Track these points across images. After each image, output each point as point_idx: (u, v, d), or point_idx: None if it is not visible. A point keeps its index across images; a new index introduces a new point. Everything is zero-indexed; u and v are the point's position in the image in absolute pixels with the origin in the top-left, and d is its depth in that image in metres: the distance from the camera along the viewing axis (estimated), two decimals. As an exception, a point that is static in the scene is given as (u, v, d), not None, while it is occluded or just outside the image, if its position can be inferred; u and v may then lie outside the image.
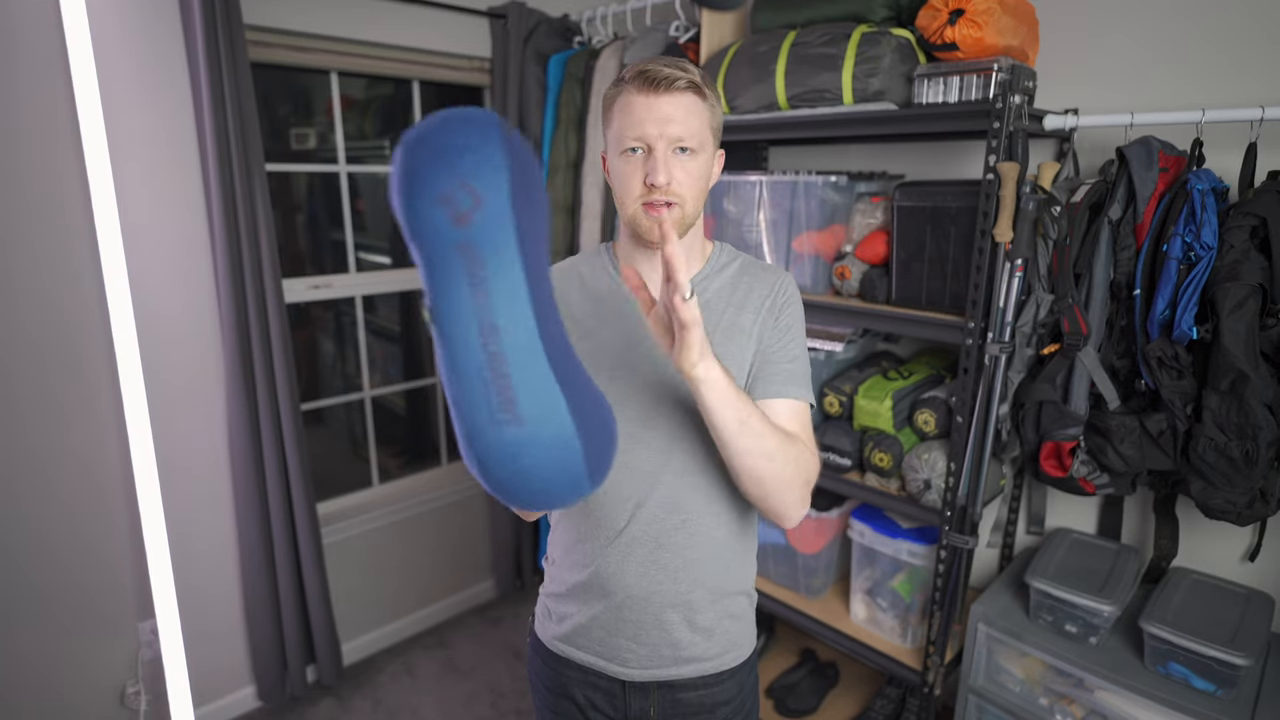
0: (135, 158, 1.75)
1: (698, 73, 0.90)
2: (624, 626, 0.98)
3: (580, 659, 1.02)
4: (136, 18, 1.71)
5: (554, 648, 1.05)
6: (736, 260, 1.03)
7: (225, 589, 2.08)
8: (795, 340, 0.97)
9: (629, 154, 0.89)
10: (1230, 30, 1.44)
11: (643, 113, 0.87)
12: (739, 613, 1.03)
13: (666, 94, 0.87)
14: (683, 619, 0.97)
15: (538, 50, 2.35)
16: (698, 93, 0.89)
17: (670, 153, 0.88)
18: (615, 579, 0.97)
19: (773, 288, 0.99)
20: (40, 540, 1.74)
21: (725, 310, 0.97)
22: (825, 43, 1.58)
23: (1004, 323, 1.45)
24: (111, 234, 0.99)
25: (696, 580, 0.97)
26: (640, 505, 0.95)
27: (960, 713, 1.62)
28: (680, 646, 0.98)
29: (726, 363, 0.90)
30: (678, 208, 0.90)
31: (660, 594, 0.96)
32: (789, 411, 0.94)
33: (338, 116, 2.26)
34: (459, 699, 2.24)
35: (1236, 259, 1.25)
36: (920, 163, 1.93)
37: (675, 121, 0.87)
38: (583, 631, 1.01)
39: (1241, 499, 1.30)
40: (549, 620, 1.07)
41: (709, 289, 0.99)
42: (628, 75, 0.90)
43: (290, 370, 1.99)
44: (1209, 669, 1.31)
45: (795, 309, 0.99)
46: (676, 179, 0.89)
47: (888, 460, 1.65)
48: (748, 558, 1.04)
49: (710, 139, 0.92)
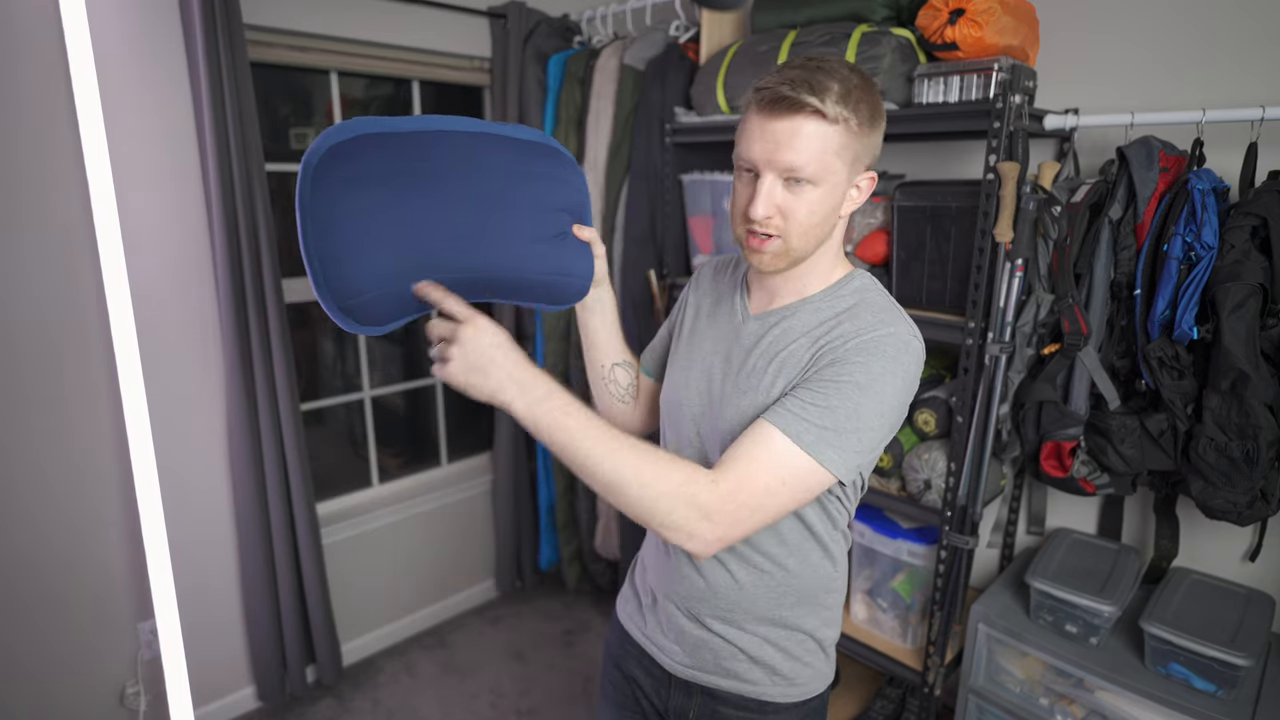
0: (135, 158, 1.75)
1: (835, 90, 0.77)
2: (671, 619, 0.99)
3: (638, 639, 1.06)
4: (136, 18, 1.71)
5: (622, 620, 1.10)
6: (857, 297, 0.89)
7: (225, 589, 2.08)
8: (840, 389, 0.80)
9: (742, 173, 0.84)
10: (1230, 30, 1.44)
11: (755, 132, 0.80)
12: (796, 651, 0.96)
13: (785, 118, 0.78)
14: (722, 631, 0.96)
15: (538, 50, 2.35)
16: (823, 117, 0.78)
17: (780, 182, 0.80)
18: (668, 572, 0.98)
19: (858, 330, 0.83)
20: (40, 540, 1.74)
21: (796, 340, 0.87)
22: (825, 42, 1.58)
23: (1004, 323, 1.45)
24: (111, 234, 0.99)
25: (738, 599, 0.94)
26: None
27: (960, 713, 1.62)
28: (721, 657, 0.97)
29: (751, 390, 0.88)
30: (779, 241, 0.83)
31: (699, 601, 0.96)
32: (760, 438, 0.80)
33: (337, 116, 2.25)
34: (459, 699, 2.24)
35: (1237, 259, 1.25)
36: (920, 163, 1.93)
37: (787, 149, 0.78)
38: (640, 615, 1.06)
39: (1242, 499, 1.30)
40: (624, 594, 1.12)
41: (798, 315, 0.89)
42: (757, 85, 0.81)
43: (290, 370, 1.99)
44: (1209, 669, 1.31)
45: (868, 361, 0.80)
46: (781, 211, 0.81)
47: (888, 460, 1.65)
48: (809, 600, 0.95)
49: (840, 167, 0.81)
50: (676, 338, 1.05)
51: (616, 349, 1.07)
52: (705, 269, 1.08)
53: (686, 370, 0.98)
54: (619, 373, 1.08)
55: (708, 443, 0.95)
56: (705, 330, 1.00)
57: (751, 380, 0.89)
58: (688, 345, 1.01)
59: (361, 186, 0.77)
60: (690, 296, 1.07)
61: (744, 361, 0.91)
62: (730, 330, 0.96)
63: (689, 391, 0.97)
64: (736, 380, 0.91)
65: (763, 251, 0.85)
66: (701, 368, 0.96)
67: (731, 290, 1.00)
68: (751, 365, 0.90)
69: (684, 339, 1.02)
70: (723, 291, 1.02)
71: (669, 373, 1.03)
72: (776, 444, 0.79)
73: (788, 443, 0.79)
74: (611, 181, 2.22)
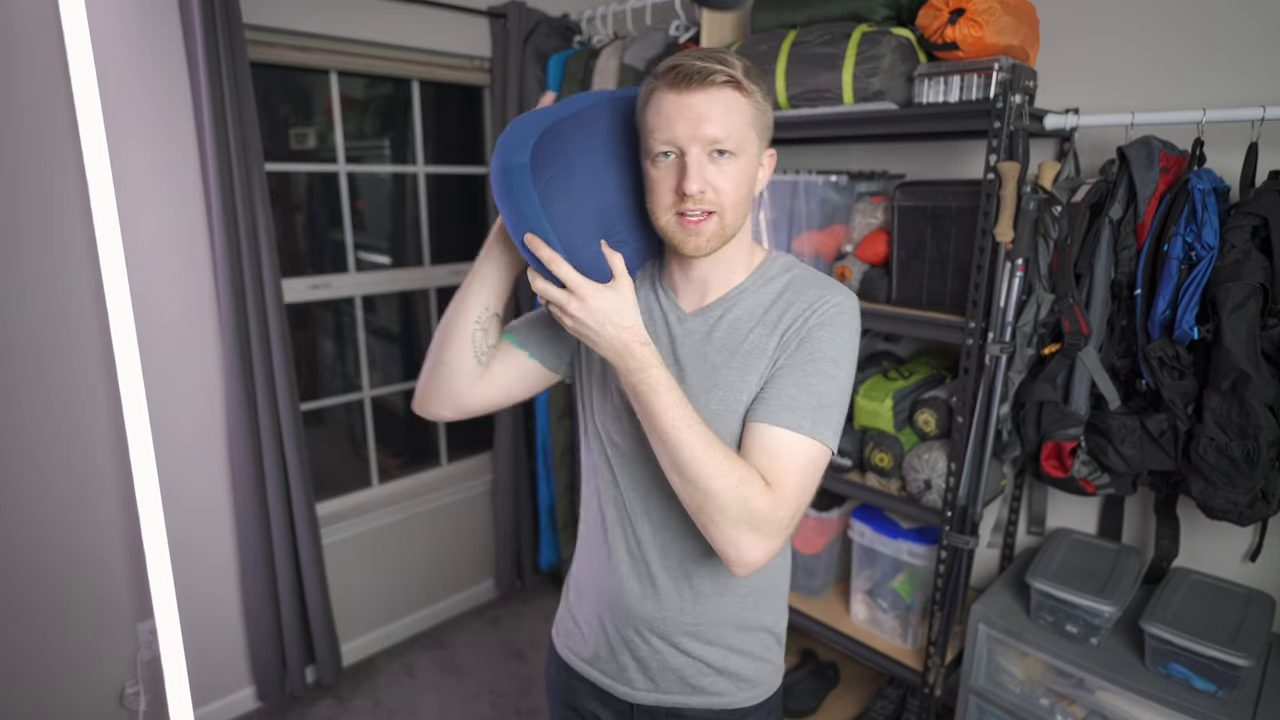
0: (134, 158, 1.75)
1: (739, 65, 0.80)
2: (630, 646, 0.96)
3: (590, 674, 1.01)
4: (136, 18, 1.71)
5: (566, 659, 1.04)
6: (786, 275, 0.91)
7: (224, 589, 2.08)
8: (818, 367, 0.83)
9: (660, 159, 0.81)
10: (1230, 30, 1.44)
11: (673, 112, 0.79)
12: (758, 651, 0.97)
13: (701, 90, 0.78)
14: (688, 648, 0.94)
15: (538, 50, 2.35)
16: (737, 88, 0.79)
17: (706, 156, 0.80)
18: (620, 599, 0.95)
19: (810, 306, 0.86)
20: (39, 540, 1.74)
21: (752, 330, 0.87)
22: (825, 42, 1.58)
23: (1005, 323, 1.45)
24: (111, 234, 0.99)
25: (704, 611, 0.93)
26: (643, 525, 0.93)
27: (961, 713, 1.62)
28: (687, 676, 0.94)
29: (726, 388, 0.87)
30: (715, 217, 0.82)
31: (664, 620, 0.93)
32: (770, 441, 0.81)
33: (337, 116, 2.25)
34: (459, 699, 2.23)
35: (1238, 259, 1.25)
36: (920, 162, 1.93)
37: (710, 120, 0.78)
38: (591, 646, 1.00)
39: (1243, 499, 1.30)
40: (564, 629, 1.06)
41: (740, 305, 0.90)
42: (661, 69, 0.81)
43: (290, 370, 1.99)
44: (1210, 669, 1.31)
45: (832, 333, 0.84)
46: (713, 186, 0.80)
47: (888, 460, 1.65)
48: (768, 595, 0.97)
49: (754, 139, 0.83)
50: (584, 352, 0.99)
51: (502, 302, 0.96)
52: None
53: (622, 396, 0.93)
54: (494, 325, 0.95)
55: None
56: None
57: (715, 377, 0.88)
58: (602, 360, 0.94)
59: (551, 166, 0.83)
60: None
61: (699, 360, 0.89)
62: (664, 333, 0.93)
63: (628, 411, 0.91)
64: (697, 379, 0.89)
65: (700, 231, 0.82)
66: None
67: (648, 294, 0.96)
68: (711, 363, 0.89)
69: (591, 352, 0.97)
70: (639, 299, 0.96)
71: (596, 390, 0.97)
72: (786, 442, 0.81)
73: (794, 436, 0.81)
74: (611, 181, 2.22)
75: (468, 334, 0.91)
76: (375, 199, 2.50)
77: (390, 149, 2.48)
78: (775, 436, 0.81)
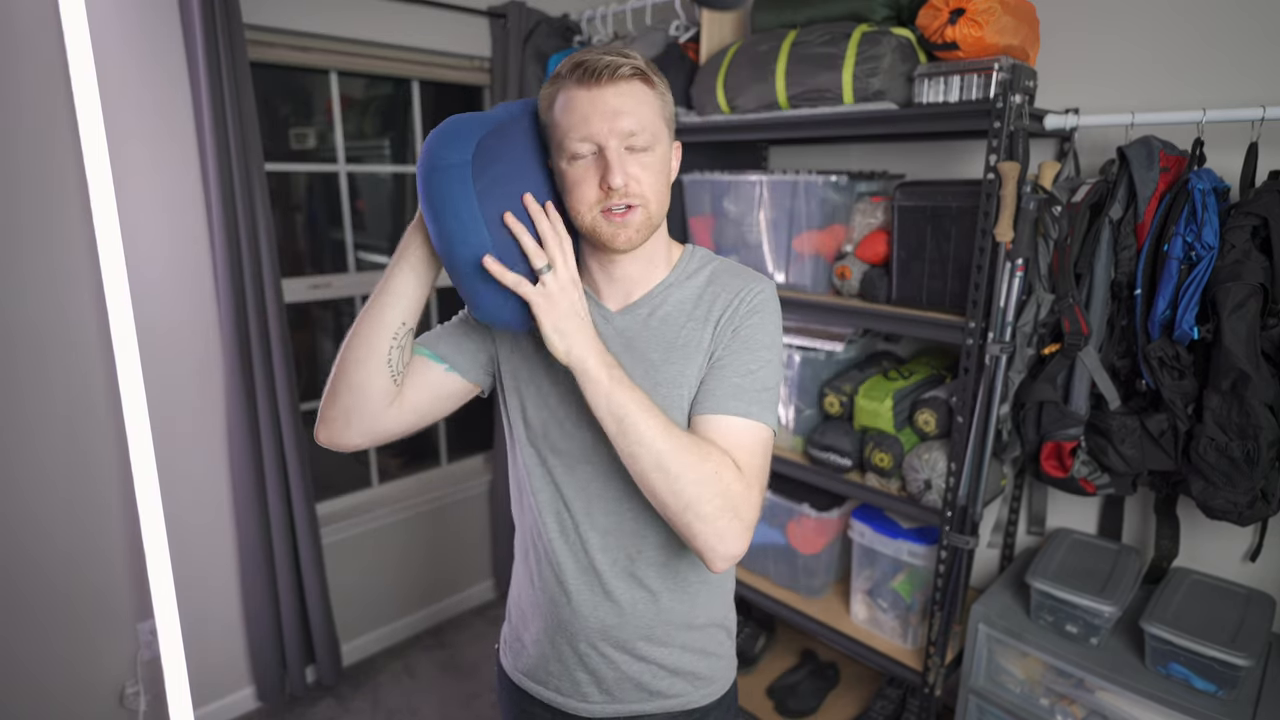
0: (134, 158, 1.75)
1: (641, 59, 0.81)
2: (584, 660, 0.94)
3: (542, 695, 0.98)
4: (136, 18, 1.71)
5: (516, 679, 1.02)
6: (707, 267, 0.93)
7: (224, 589, 2.08)
8: (756, 354, 0.85)
9: (577, 159, 0.80)
10: (1230, 30, 1.44)
11: (586, 108, 0.78)
12: (711, 648, 0.97)
13: (610, 84, 0.78)
14: (645, 653, 0.92)
15: (538, 50, 2.35)
16: (645, 80, 0.81)
17: (624, 150, 0.79)
18: (572, 610, 0.92)
19: (737, 295, 0.88)
20: (40, 540, 1.74)
21: (685, 325, 0.88)
22: (826, 42, 1.58)
23: (1004, 323, 1.45)
24: (111, 234, 0.99)
25: (658, 614, 0.91)
26: (589, 532, 0.90)
27: (961, 713, 1.62)
28: (644, 682, 0.93)
29: (669, 384, 0.86)
30: (640, 209, 0.82)
31: (619, 628, 0.91)
32: (727, 431, 0.82)
33: (337, 116, 2.25)
34: (459, 699, 2.23)
35: (1238, 259, 1.25)
36: (920, 163, 1.93)
37: (625, 114, 0.78)
38: (542, 665, 0.97)
39: (1243, 499, 1.30)
40: (512, 650, 1.03)
41: (668, 300, 0.90)
42: (564, 69, 0.80)
43: (290, 370, 1.99)
44: (1210, 669, 1.31)
45: (762, 320, 0.87)
46: (635, 178, 0.80)
47: (888, 460, 1.65)
48: (718, 590, 0.97)
49: (665, 130, 0.84)
50: (506, 358, 0.95)
51: (417, 316, 0.91)
52: None
53: (560, 385, 0.90)
54: (409, 341, 0.90)
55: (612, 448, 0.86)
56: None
57: (655, 375, 0.87)
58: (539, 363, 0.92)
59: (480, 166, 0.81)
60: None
61: (635, 358, 0.88)
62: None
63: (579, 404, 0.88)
64: (635, 378, 0.86)
65: (628, 223, 0.82)
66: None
67: None
68: (649, 360, 0.88)
69: (526, 357, 0.93)
70: None
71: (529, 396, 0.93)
72: (740, 429, 0.83)
73: (746, 423, 0.83)
74: (611, 181, 2.22)
75: (383, 352, 0.86)
76: (375, 199, 2.50)
77: (390, 149, 2.48)
78: (729, 425, 0.82)
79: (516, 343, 0.95)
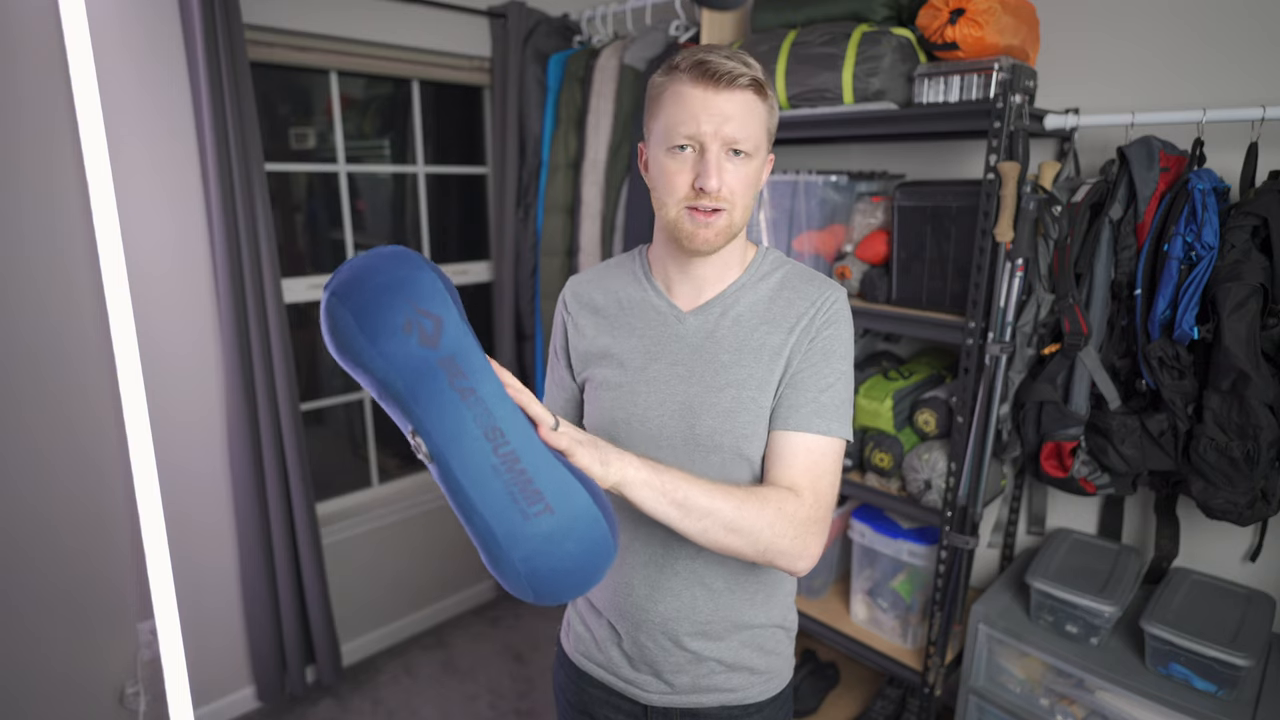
0: (134, 158, 1.75)
1: (759, 69, 0.82)
2: (643, 650, 0.95)
3: (602, 678, 1.00)
4: (136, 18, 1.71)
5: (577, 662, 1.04)
6: (780, 270, 0.94)
7: (224, 589, 2.08)
8: (833, 366, 0.87)
9: (677, 151, 0.82)
10: (1230, 30, 1.44)
11: (698, 108, 0.80)
12: (770, 646, 0.98)
13: (727, 90, 0.80)
14: (702, 648, 0.94)
15: (538, 50, 2.35)
16: (759, 92, 0.82)
17: (724, 154, 0.81)
18: (632, 601, 0.94)
19: (813, 304, 0.89)
20: (40, 540, 1.74)
21: (758, 327, 0.89)
22: (826, 42, 1.58)
23: (1004, 323, 1.45)
24: (110, 234, 0.99)
25: (716, 609, 0.93)
26: (653, 526, 0.91)
27: (961, 713, 1.62)
28: (701, 675, 0.95)
29: (738, 385, 0.87)
30: (725, 214, 0.83)
31: (678, 620, 0.93)
32: (806, 448, 0.85)
33: (337, 116, 2.25)
34: (458, 699, 2.23)
35: (1238, 259, 1.25)
36: (920, 162, 1.93)
37: (733, 121, 0.80)
38: (604, 650, 1.00)
39: (1243, 499, 1.30)
40: (574, 633, 1.05)
41: (740, 302, 0.91)
42: (683, 64, 0.82)
43: (290, 370, 1.99)
44: (1210, 669, 1.31)
45: (837, 331, 0.89)
46: (728, 184, 0.82)
47: (888, 460, 1.65)
48: (778, 590, 0.98)
49: (765, 142, 0.85)
50: (583, 362, 0.98)
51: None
52: (569, 289, 1.02)
53: (632, 383, 0.91)
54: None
55: (680, 449, 0.89)
56: (625, 340, 0.94)
57: (725, 375, 0.88)
58: (612, 360, 0.94)
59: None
60: (569, 320, 1.00)
61: (706, 359, 0.89)
62: (662, 332, 0.92)
63: (648, 401, 0.90)
64: (705, 378, 0.88)
65: (711, 225, 0.83)
66: (649, 375, 0.91)
67: (639, 292, 0.95)
68: (720, 361, 0.89)
69: (596, 357, 0.96)
70: (625, 298, 0.96)
71: (599, 394, 0.94)
72: (816, 445, 0.85)
73: (822, 439, 0.86)
74: (611, 181, 2.22)
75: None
76: (375, 199, 2.50)
77: (390, 149, 2.48)
78: (811, 443, 0.85)
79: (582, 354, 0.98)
